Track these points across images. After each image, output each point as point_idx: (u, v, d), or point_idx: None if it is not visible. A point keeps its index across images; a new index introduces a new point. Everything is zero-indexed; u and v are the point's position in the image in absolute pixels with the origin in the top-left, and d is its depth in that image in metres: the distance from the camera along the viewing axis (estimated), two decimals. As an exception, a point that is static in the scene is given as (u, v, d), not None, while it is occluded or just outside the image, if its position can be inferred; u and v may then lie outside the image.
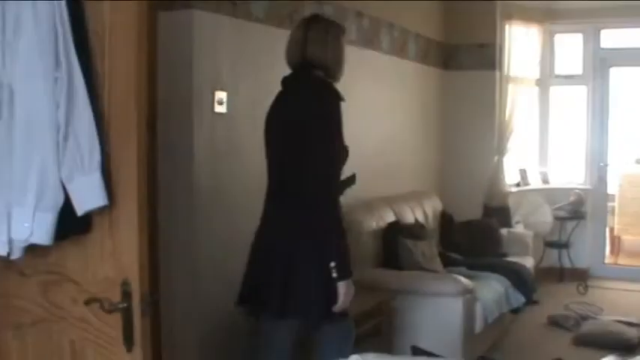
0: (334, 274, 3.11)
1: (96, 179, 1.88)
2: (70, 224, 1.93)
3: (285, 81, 3.40)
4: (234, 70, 4.12)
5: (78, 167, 1.88)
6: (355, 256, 4.93)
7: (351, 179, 4.17)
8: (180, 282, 3.90)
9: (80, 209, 1.89)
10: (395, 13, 6.10)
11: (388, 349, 4.35)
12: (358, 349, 3.13)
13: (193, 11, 3.80)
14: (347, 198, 4.41)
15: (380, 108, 5.88)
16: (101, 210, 1.92)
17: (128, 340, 1.89)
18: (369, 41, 5.67)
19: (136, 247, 1.87)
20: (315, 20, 3.43)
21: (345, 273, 3.15)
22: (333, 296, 3.14)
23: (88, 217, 1.94)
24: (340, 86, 5.13)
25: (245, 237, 4.18)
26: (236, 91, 4.11)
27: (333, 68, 3.34)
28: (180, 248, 3.89)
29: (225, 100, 3.99)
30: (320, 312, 3.18)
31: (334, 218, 3.17)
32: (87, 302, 1.94)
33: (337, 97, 3.20)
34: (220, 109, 3.98)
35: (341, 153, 3.20)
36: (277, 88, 4.23)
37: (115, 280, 1.91)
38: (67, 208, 1.90)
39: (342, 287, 3.13)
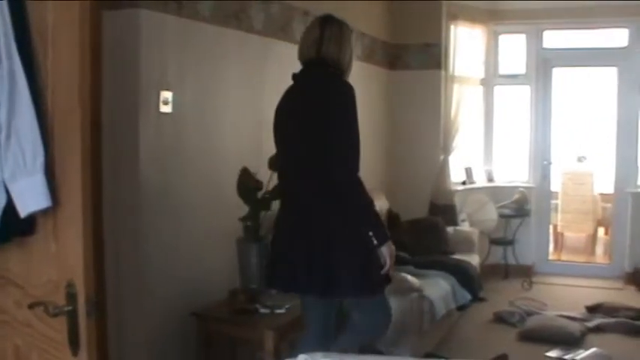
0: (375, 242, 3.40)
1: (39, 180, 1.85)
2: (14, 226, 1.90)
3: (298, 77, 3.61)
4: (180, 69, 4.09)
5: (20, 168, 1.84)
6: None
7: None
8: (127, 282, 3.86)
9: (23, 211, 1.86)
10: (341, 13, 6.07)
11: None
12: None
13: (139, 10, 3.76)
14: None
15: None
16: (45, 211, 1.89)
17: (73, 344, 1.86)
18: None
19: (80, 248, 1.84)
20: (329, 21, 3.67)
21: (384, 238, 3.42)
22: (373, 268, 3.41)
23: (32, 218, 1.91)
24: (286, 86, 5.15)
25: (193, 235, 4.18)
26: (182, 91, 4.08)
27: (345, 66, 3.58)
28: (127, 248, 3.85)
29: (170, 99, 3.97)
30: (362, 288, 3.42)
31: (365, 194, 3.39)
32: (31, 306, 1.91)
33: (353, 91, 3.43)
34: (166, 108, 3.95)
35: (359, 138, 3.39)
36: (224, 87, 4.24)
37: (59, 283, 1.88)
38: (9, 209, 1.87)
39: (385, 251, 3.41)
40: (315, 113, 3.38)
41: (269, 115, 4.93)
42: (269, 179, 4.19)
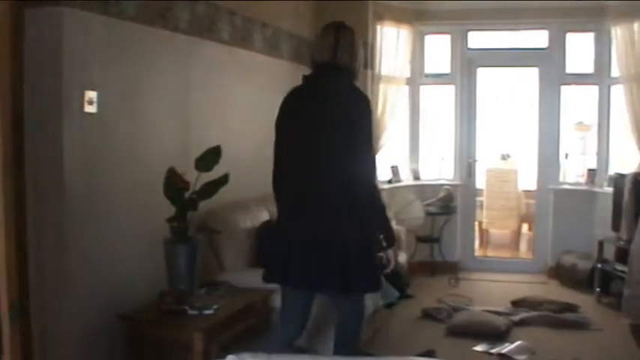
0: (384, 244, 3.72)
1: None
2: None
3: (312, 78, 3.85)
4: (105, 69, 4.02)
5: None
6: (230, 256, 4.96)
7: (224, 179, 4.20)
8: (52, 286, 3.78)
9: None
10: (268, 13, 6.11)
11: (265, 348, 4.36)
12: (234, 349, 3.13)
13: (62, 9, 3.69)
14: (221, 197, 4.43)
15: (252, 107, 5.87)
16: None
17: (-4, 349, 1.82)
18: (243, 40, 5.65)
19: (2, 253, 1.81)
20: (343, 27, 3.82)
21: (392, 241, 3.75)
22: (377, 267, 3.75)
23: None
24: (215, 86, 5.13)
25: (120, 237, 4.12)
26: (107, 91, 4.01)
27: (356, 72, 3.82)
28: (51, 251, 3.77)
29: (95, 99, 3.90)
30: (372, 285, 3.77)
31: (381, 199, 3.74)
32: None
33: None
34: (90, 108, 3.88)
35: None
36: (150, 86, 4.20)
37: (-19, 288, 1.84)
38: None
39: (391, 253, 3.77)
40: (342, 119, 3.58)
41: (196, 114, 4.93)
42: (196, 179, 4.17)
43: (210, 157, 4.29)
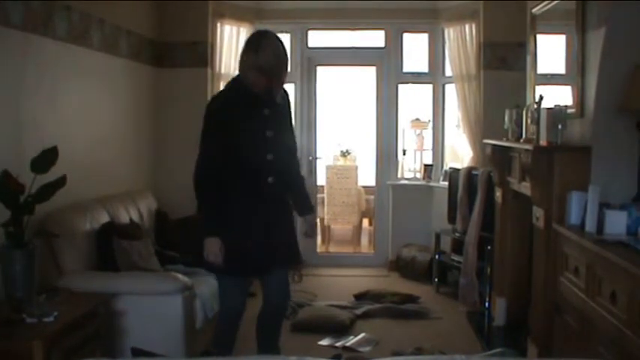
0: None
1: None
2: None
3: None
4: None
5: None
6: (70, 260, 4.77)
7: (61, 181, 4.03)
8: None
9: None
10: (106, 9, 5.91)
11: (110, 353, 4.24)
12: (77, 357, 3.03)
13: None
14: (59, 200, 4.25)
15: (90, 106, 5.67)
16: None
17: None
18: (79, 37, 5.44)
19: None
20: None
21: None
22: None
23: None
24: (49, 85, 4.91)
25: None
26: None
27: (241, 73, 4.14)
28: None
29: None
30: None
31: (202, 195, 4.14)
32: None
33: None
34: None
35: None
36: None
37: None
38: None
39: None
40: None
41: (30, 114, 4.69)
42: (32, 182, 3.98)
43: (47, 159, 4.10)
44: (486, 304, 6.29)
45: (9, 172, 3.93)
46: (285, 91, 4.33)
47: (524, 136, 5.48)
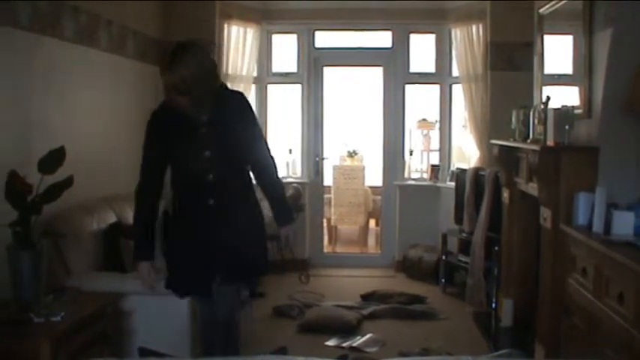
0: None
1: None
2: None
3: None
4: None
5: None
6: (77, 260, 4.78)
7: (68, 181, 4.04)
8: None
9: None
10: (114, 10, 5.93)
11: (117, 353, 4.24)
12: (85, 357, 3.04)
13: None
14: (66, 200, 4.26)
15: (97, 106, 5.68)
16: None
17: None
18: (87, 38, 5.45)
19: None
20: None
21: None
22: None
23: None
24: (57, 86, 4.92)
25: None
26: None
27: None
28: None
29: None
30: None
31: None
32: None
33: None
34: None
35: None
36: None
37: None
38: None
39: None
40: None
41: (37, 115, 4.71)
42: (40, 182, 3.98)
43: (54, 159, 4.10)
44: (493, 305, 6.28)
45: (16, 173, 3.94)
46: (238, 95, 3.93)
47: (531, 136, 5.46)
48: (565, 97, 5.12)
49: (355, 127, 10.56)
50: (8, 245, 3.98)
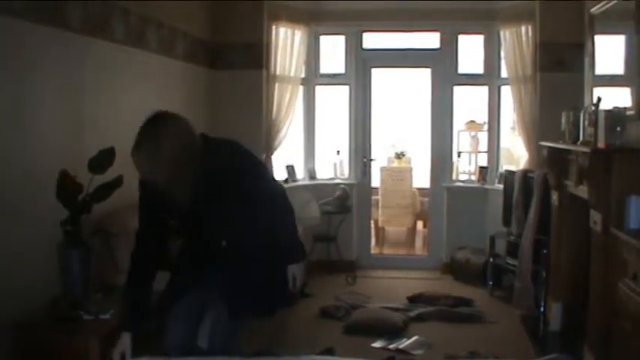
0: None
1: None
2: None
3: None
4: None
5: None
6: (127, 258, 4.83)
7: (118, 181, 4.10)
8: None
9: None
10: (163, 12, 6.00)
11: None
12: (133, 354, 3.07)
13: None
14: (116, 199, 4.32)
15: (147, 107, 5.71)
16: None
17: None
18: (137, 40, 5.53)
19: None
20: None
21: None
22: None
23: None
24: (107, 87, 4.99)
25: (10, 241, 3.94)
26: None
27: None
28: None
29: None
30: None
31: None
32: None
33: None
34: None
35: None
36: (39, 85, 4.05)
37: None
38: None
39: None
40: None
41: (89, 116, 4.79)
42: (90, 182, 4.05)
43: (104, 159, 4.18)
44: (541, 309, 6.20)
45: (67, 172, 4.02)
46: (227, 148, 3.63)
47: (581, 138, 5.39)
48: (617, 98, 5.04)
49: (403, 128, 10.53)
50: (59, 243, 4.06)
